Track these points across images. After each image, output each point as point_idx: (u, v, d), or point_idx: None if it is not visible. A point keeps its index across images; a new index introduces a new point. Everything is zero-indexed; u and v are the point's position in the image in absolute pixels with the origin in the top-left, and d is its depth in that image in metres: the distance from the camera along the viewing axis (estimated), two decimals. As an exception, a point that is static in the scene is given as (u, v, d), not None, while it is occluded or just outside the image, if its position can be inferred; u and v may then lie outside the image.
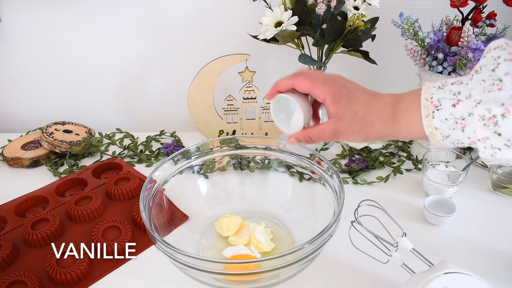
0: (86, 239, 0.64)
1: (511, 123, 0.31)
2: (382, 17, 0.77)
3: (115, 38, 0.98)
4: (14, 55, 1.01)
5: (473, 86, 0.33)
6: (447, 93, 0.35)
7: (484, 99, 0.32)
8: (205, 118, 0.92)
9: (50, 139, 0.88)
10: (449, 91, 0.35)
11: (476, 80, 0.33)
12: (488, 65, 0.33)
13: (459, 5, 0.70)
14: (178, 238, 0.62)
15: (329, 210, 0.57)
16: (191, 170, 0.67)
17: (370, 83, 1.00)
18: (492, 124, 0.32)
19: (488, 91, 0.32)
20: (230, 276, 0.49)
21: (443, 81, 0.37)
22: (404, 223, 0.55)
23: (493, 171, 0.73)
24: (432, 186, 0.70)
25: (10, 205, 0.74)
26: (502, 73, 0.31)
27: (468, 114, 0.33)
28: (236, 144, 0.68)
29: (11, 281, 0.55)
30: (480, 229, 0.65)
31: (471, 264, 0.58)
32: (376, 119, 0.40)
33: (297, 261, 0.46)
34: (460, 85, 0.35)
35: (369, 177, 0.79)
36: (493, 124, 0.32)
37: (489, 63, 0.33)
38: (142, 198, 0.55)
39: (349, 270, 0.58)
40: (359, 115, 0.41)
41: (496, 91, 0.31)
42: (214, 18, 0.94)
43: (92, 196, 0.72)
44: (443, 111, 0.35)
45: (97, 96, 1.07)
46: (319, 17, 0.72)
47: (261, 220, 0.67)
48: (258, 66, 0.89)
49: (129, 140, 0.97)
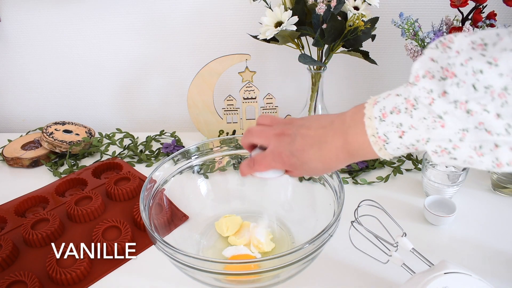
0: (86, 239, 0.64)
1: (463, 152, 0.31)
2: (382, 17, 0.77)
3: (115, 38, 0.98)
4: (14, 55, 1.01)
5: (416, 125, 0.33)
6: (390, 125, 0.35)
7: (432, 137, 0.32)
8: (205, 118, 0.92)
9: (50, 139, 0.88)
10: (391, 123, 0.34)
11: (417, 118, 0.33)
12: (422, 99, 0.32)
13: (459, 5, 0.70)
14: (178, 238, 0.62)
15: (329, 210, 0.57)
16: (191, 170, 0.67)
17: (370, 83, 1.00)
18: (446, 154, 0.32)
19: (432, 128, 0.32)
20: (230, 276, 0.49)
21: (381, 107, 0.35)
22: (404, 223, 0.55)
23: (493, 171, 0.73)
24: (432, 186, 0.70)
25: (10, 205, 0.74)
26: (440, 111, 0.31)
27: (416, 141, 0.34)
28: (236, 144, 0.68)
29: (11, 281, 0.55)
30: (480, 229, 0.65)
31: (471, 264, 0.58)
32: (337, 164, 0.41)
33: (297, 261, 0.46)
34: (398, 114, 0.34)
35: (369, 177, 0.79)
36: (447, 153, 0.32)
37: (423, 95, 0.32)
38: (142, 198, 0.55)
39: (349, 270, 0.58)
40: (319, 168, 0.42)
41: (439, 128, 0.31)
42: (214, 18, 0.94)
43: (92, 196, 0.72)
44: (393, 143, 0.35)
45: (97, 96, 1.07)
46: (319, 17, 0.72)
47: (261, 220, 0.67)
48: (258, 66, 0.89)
49: (129, 140, 0.97)
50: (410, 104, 0.33)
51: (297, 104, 0.90)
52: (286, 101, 0.97)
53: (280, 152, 0.43)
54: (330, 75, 0.94)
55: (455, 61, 0.30)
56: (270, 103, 0.89)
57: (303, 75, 0.85)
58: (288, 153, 0.42)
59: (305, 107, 0.86)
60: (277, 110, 0.90)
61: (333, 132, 0.40)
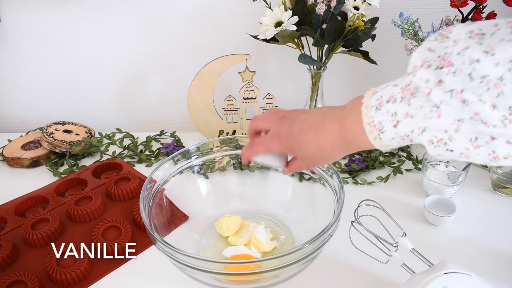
0: (86, 239, 0.64)
1: (459, 143, 0.31)
2: (382, 17, 0.77)
3: (115, 38, 0.98)
4: (14, 55, 1.01)
5: (413, 114, 0.33)
6: (385, 114, 0.35)
7: (428, 126, 0.32)
8: (205, 118, 0.92)
9: (50, 139, 0.88)
10: (386, 111, 0.34)
11: (414, 106, 0.33)
12: (421, 88, 0.32)
13: (459, 5, 0.70)
14: (178, 238, 0.62)
15: (329, 210, 0.57)
16: (191, 170, 0.67)
17: (370, 83, 0.99)
18: (442, 145, 0.32)
19: (429, 117, 0.32)
20: (230, 276, 0.49)
21: (379, 96, 0.36)
22: (404, 223, 0.55)
23: (493, 171, 0.73)
24: (432, 186, 0.70)
25: (10, 205, 0.74)
26: (437, 100, 0.31)
27: (410, 131, 0.34)
28: (236, 144, 0.68)
29: (11, 281, 0.55)
30: (480, 229, 0.65)
31: (471, 264, 0.58)
32: (332, 150, 0.41)
33: (297, 261, 0.46)
34: (394, 103, 0.34)
35: (369, 177, 0.79)
36: (443, 144, 0.32)
37: (422, 85, 0.32)
38: (142, 198, 0.55)
39: (349, 270, 0.58)
40: (315, 154, 0.42)
41: (436, 118, 0.31)
42: (214, 18, 0.94)
43: (92, 196, 0.72)
44: (387, 132, 0.35)
45: (97, 96, 1.07)
46: (319, 17, 0.72)
47: (261, 220, 0.67)
48: (258, 66, 0.89)
49: (129, 140, 0.97)
50: (410, 92, 0.33)
51: (297, 104, 0.90)
52: (286, 101, 0.97)
53: (279, 133, 0.44)
54: (330, 75, 0.94)
55: (452, 50, 0.30)
56: (270, 103, 0.89)
57: (303, 75, 0.85)
58: (287, 134, 0.43)
59: (305, 107, 0.86)
60: (277, 110, 0.90)
61: (331, 118, 0.40)
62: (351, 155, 0.86)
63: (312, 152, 0.42)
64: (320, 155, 0.42)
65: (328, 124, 0.40)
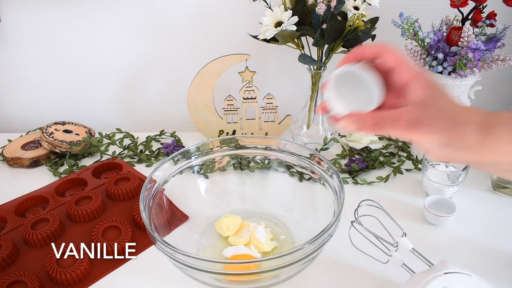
0: (86, 239, 0.64)
1: None
2: (382, 17, 0.77)
3: (115, 38, 0.98)
4: (14, 55, 1.01)
5: None
6: None
7: None
8: (205, 118, 0.92)
9: (50, 139, 0.88)
10: None
11: None
12: None
13: (459, 5, 0.70)
14: (178, 238, 0.62)
15: (329, 210, 0.57)
16: (191, 170, 0.67)
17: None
18: None
19: None
20: (230, 276, 0.49)
21: None
22: (404, 223, 0.55)
23: (493, 171, 0.73)
24: (432, 186, 0.70)
25: (10, 205, 0.74)
26: None
27: None
28: (236, 144, 0.68)
29: (11, 281, 0.55)
30: (480, 229, 0.65)
31: (471, 264, 0.58)
32: (466, 121, 0.34)
33: (297, 261, 0.46)
34: None
35: (369, 177, 0.79)
36: None
37: None
38: (142, 198, 0.55)
39: (349, 270, 0.58)
40: (446, 111, 0.35)
41: None
42: (214, 18, 0.94)
43: (92, 196, 0.72)
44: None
45: (97, 96, 1.07)
46: (319, 17, 0.72)
47: (261, 220, 0.67)
48: (258, 66, 0.89)
49: (129, 140, 0.97)
50: None
51: (297, 104, 0.90)
52: (286, 101, 0.96)
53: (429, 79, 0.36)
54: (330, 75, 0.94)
55: None
56: (270, 103, 0.89)
57: (303, 75, 0.85)
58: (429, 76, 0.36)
59: (305, 107, 0.86)
60: (277, 110, 0.90)
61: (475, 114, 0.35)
62: (351, 155, 0.86)
63: (443, 108, 0.35)
64: (450, 115, 0.35)
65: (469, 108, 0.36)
